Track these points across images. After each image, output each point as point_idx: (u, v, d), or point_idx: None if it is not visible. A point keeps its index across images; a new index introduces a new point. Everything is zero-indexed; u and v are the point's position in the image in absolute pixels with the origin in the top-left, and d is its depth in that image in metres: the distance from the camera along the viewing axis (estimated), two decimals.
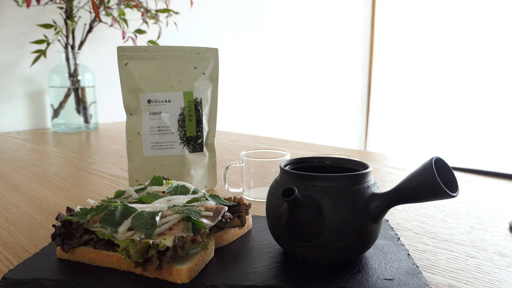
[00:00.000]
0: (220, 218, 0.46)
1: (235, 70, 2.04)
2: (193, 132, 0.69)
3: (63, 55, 1.43)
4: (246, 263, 0.42)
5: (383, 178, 0.81)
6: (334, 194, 0.40)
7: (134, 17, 1.58)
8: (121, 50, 0.67)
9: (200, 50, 0.70)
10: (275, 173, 0.66)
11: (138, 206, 0.44)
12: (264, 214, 0.60)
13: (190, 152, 0.69)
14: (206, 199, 0.49)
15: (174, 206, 0.45)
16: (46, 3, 1.38)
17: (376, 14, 2.55)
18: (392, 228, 0.52)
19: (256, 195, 0.67)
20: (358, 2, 2.51)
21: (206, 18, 1.91)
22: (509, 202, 0.66)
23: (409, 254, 0.44)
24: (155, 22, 1.48)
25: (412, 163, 0.94)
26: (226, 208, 0.48)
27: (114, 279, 0.39)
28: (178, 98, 0.68)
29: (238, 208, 0.51)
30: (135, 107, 0.68)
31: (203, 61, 0.70)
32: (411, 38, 2.44)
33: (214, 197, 0.51)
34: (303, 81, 2.33)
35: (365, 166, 0.44)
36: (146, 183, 0.54)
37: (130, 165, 0.69)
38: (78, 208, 0.45)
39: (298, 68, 2.29)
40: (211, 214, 0.45)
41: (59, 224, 0.44)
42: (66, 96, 1.44)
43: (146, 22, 1.47)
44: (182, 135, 0.69)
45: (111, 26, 1.39)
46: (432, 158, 0.37)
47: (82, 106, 1.46)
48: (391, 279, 0.39)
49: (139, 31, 1.47)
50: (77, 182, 0.80)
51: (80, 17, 1.49)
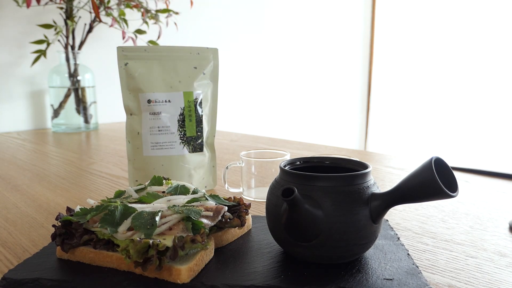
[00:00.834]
0: (220, 218, 0.46)
1: (235, 70, 2.04)
2: (193, 132, 0.69)
3: (63, 55, 1.43)
4: (246, 263, 0.42)
5: (383, 178, 0.81)
6: (333, 194, 0.40)
7: (134, 17, 1.58)
8: (121, 50, 0.67)
9: (200, 50, 0.70)
10: (275, 173, 0.66)
11: (138, 206, 0.44)
12: (264, 214, 0.60)
13: (190, 152, 0.69)
14: (206, 199, 0.49)
15: (174, 206, 0.45)
16: (46, 3, 1.38)
17: (376, 14, 2.55)
18: (392, 228, 0.52)
19: (256, 195, 0.67)
20: (358, 2, 2.51)
21: (206, 18, 1.91)
22: (509, 202, 0.66)
23: (408, 254, 0.44)
24: (155, 22, 1.48)
25: (412, 163, 0.94)
26: (226, 208, 0.48)
27: (114, 279, 0.39)
28: (178, 98, 0.68)
29: (238, 208, 0.51)
30: (135, 107, 0.68)
31: (203, 61, 0.70)
32: (411, 38, 2.44)
33: (214, 197, 0.51)
34: (303, 81, 2.33)
35: (365, 166, 0.44)
36: (146, 183, 0.54)
37: (130, 165, 0.69)
38: (78, 208, 0.45)
39: (298, 68, 2.29)
40: (211, 214, 0.45)
41: (59, 224, 0.44)
42: (66, 96, 1.44)
43: (146, 22, 1.47)
44: (182, 135, 0.69)
45: (111, 26, 1.39)
46: (432, 158, 0.37)
47: (82, 106, 1.46)
48: (391, 279, 0.39)
49: (139, 31, 1.47)
50: (77, 182, 0.80)
51: (80, 17, 1.49)
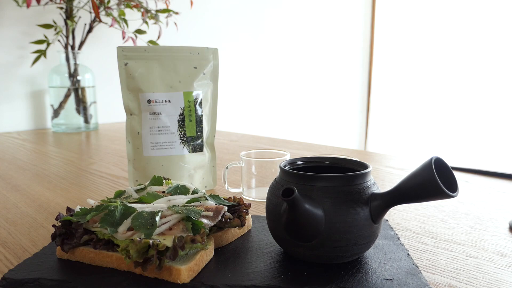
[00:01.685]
0: (220, 218, 0.46)
1: (235, 70, 2.04)
2: (193, 132, 0.69)
3: (63, 55, 1.43)
4: (246, 263, 0.42)
5: (383, 178, 0.81)
6: (333, 194, 0.40)
7: (134, 17, 1.58)
8: (121, 50, 0.67)
9: (200, 50, 0.70)
10: (275, 173, 0.66)
11: (138, 206, 0.44)
12: (264, 214, 0.60)
13: (190, 152, 0.69)
14: (206, 199, 0.49)
15: (174, 206, 0.45)
16: (46, 3, 1.38)
17: (376, 14, 2.55)
18: (392, 228, 0.52)
19: (256, 195, 0.67)
20: (358, 2, 2.51)
21: (206, 18, 1.91)
22: (509, 202, 0.66)
23: (408, 254, 0.44)
24: (155, 22, 1.48)
25: (412, 163, 0.94)
26: (226, 208, 0.48)
27: (114, 279, 0.39)
28: (178, 98, 0.68)
29: (238, 208, 0.51)
30: (135, 107, 0.68)
31: (203, 61, 0.70)
32: (411, 38, 2.44)
33: (214, 197, 0.51)
34: (303, 81, 2.33)
35: (365, 166, 0.44)
36: (146, 183, 0.54)
37: (130, 165, 0.69)
38: (78, 208, 0.45)
39: (298, 68, 2.29)
40: (211, 214, 0.45)
41: (59, 224, 0.44)
42: (66, 96, 1.44)
43: (146, 22, 1.47)
44: (182, 135, 0.69)
45: (111, 26, 1.39)
46: (431, 158, 0.37)
47: (82, 106, 1.46)
48: (391, 279, 0.39)
49: (139, 31, 1.47)
50: (77, 182, 0.80)
51: (80, 17, 1.49)
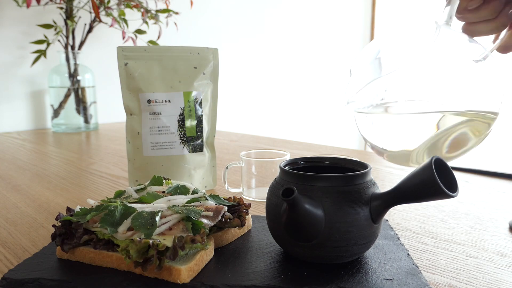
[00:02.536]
0: (220, 218, 0.46)
1: (235, 70, 2.04)
2: (193, 132, 0.69)
3: (63, 55, 1.43)
4: (246, 263, 0.42)
5: (383, 178, 0.81)
6: (333, 194, 0.40)
7: (134, 17, 1.58)
8: (121, 50, 0.67)
9: (200, 50, 0.70)
10: (275, 173, 0.66)
11: (138, 206, 0.44)
12: (264, 214, 0.60)
13: (190, 152, 0.69)
14: (206, 199, 0.49)
15: (174, 206, 0.45)
16: (46, 3, 1.38)
17: (376, 14, 2.55)
18: (392, 228, 0.52)
19: (256, 195, 0.67)
20: (358, 2, 2.51)
21: (206, 18, 1.91)
22: (509, 202, 0.66)
23: (408, 254, 0.44)
24: (155, 22, 1.48)
25: None
26: (226, 208, 0.48)
27: (114, 279, 0.39)
28: (178, 98, 0.68)
29: (238, 208, 0.51)
30: (135, 107, 0.68)
31: (203, 61, 0.70)
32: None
33: (214, 197, 0.51)
34: (303, 81, 2.33)
35: (364, 166, 0.44)
36: (146, 183, 0.54)
37: (130, 165, 0.69)
38: (78, 208, 0.45)
39: (298, 68, 2.29)
40: (211, 214, 0.45)
41: (59, 224, 0.44)
42: (66, 96, 1.44)
43: (146, 22, 1.47)
44: (182, 135, 0.69)
45: (111, 26, 1.39)
46: (432, 158, 0.37)
47: (82, 106, 1.46)
48: (391, 279, 0.39)
49: (139, 31, 1.47)
50: (77, 182, 0.80)
51: (80, 17, 1.49)
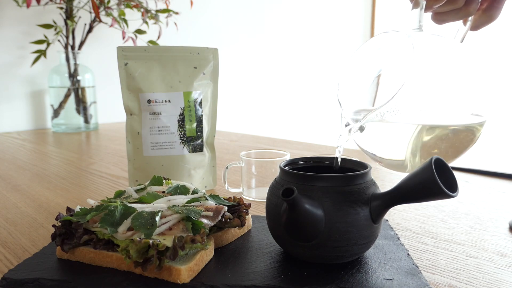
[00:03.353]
0: (220, 218, 0.46)
1: (235, 70, 2.04)
2: (193, 132, 0.69)
3: (63, 55, 1.43)
4: (246, 263, 0.42)
5: (383, 178, 0.81)
6: (333, 194, 0.40)
7: (134, 17, 1.58)
8: (121, 50, 0.67)
9: (200, 50, 0.70)
10: (275, 173, 0.66)
11: (138, 206, 0.44)
12: (264, 214, 0.60)
13: (190, 152, 0.69)
14: (206, 199, 0.49)
15: (174, 206, 0.45)
16: (46, 3, 1.38)
17: (376, 14, 2.55)
18: (392, 228, 0.52)
19: (256, 195, 0.67)
20: (358, 2, 2.51)
21: (206, 18, 1.91)
22: (509, 202, 0.66)
23: (408, 254, 0.44)
24: (155, 22, 1.48)
25: None
26: (226, 208, 0.48)
27: (114, 279, 0.39)
28: (178, 98, 0.68)
29: (238, 208, 0.51)
30: (135, 107, 0.68)
31: (203, 61, 0.70)
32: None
33: (214, 197, 0.51)
34: (303, 81, 2.33)
35: (364, 166, 0.44)
36: (146, 183, 0.54)
37: (130, 165, 0.69)
38: (78, 208, 0.45)
39: (298, 68, 2.29)
40: (211, 214, 0.45)
41: (59, 224, 0.44)
42: (66, 96, 1.44)
43: (146, 22, 1.47)
44: (182, 135, 0.69)
45: (111, 26, 1.39)
46: (431, 158, 0.37)
47: (82, 106, 1.46)
48: (391, 279, 0.39)
49: (139, 31, 1.47)
50: (77, 182, 0.80)
51: (80, 17, 1.49)
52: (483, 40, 2.16)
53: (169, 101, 0.68)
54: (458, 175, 0.81)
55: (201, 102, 0.70)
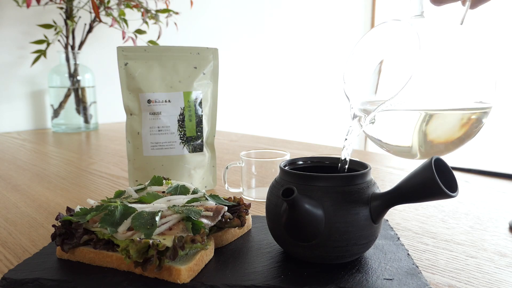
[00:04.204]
0: (220, 218, 0.46)
1: (235, 70, 2.04)
2: (193, 132, 0.69)
3: (63, 55, 1.43)
4: (246, 263, 0.42)
5: (383, 178, 0.81)
6: (333, 194, 0.40)
7: (134, 17, 1.58)
8: (121, 50, 0.67)
9: (200, 50, 0.70)
10: (275, 173, 0.66)
11: (138, 206, 0.44)
12: (264, 214, 0.60)
13: (190, 152, 0.69)
14: (206, 199, 0.49)
15: (174, 206, 0.45)
16: (46, 3, 1.38)
17: (376, 14, 2.55)
18: (392, 228, 0.52)
19: (256, 195, 0.67)
20: (358, 3, 2.51)
21: (206, 18, 1.91)
22: (509, 202, 0.66)
23: (408, 254, 0.44)
24: (155, 22, 1.48)
25: (412, 163, 0.94)
26: (226, 208, 0.48)
27: (114, 279, 0.39)
28: (178, 98, 0.68)
29: (238, 208, 0.51)
30: (135, 107, 0.68)
31: (203, 61, 0.70)
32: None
33: (214, 197, 0.51)
34: (303, 80, 2.33)
35: (364, 166, 0.44)
36: (146, 183, 0.54)
37: (130, 165, 0.69)
38: (78, 208, 0.45)
39: (298, 68, 2.29)
40: (211, 214, 0.45)
41: (59, 224, 0.44)
42: (66, 96, 1.44)
43: (146, 22, 1.47)
44: (182, 135, 0.69)
45: (111, 26, 1.39)
46: (432, 158, 0.37)
47: (82, 106, 1.46)
48: (391, 279, 0.39)
49: (139, 31, 1.47)
50: (77, 182, 0.80)
51: (80, 17, 1.49)
52: (483, 39, 2.16)
53: (169, 101, 0.68)
54: (458, 175, 0.81)
55: (201, 102, 0.70)
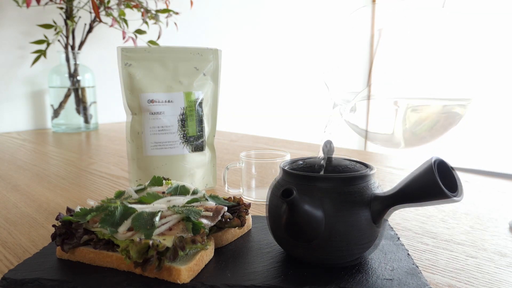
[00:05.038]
0: (219, 218, 0.46)
1: (235, 70, 2.04)
2: (193, 132, 0.69)
3: (63, 55, 1.43)
4: (246, 263, 0.42)
5: (383, 178, 0.81)
6: (334, 194, 0.40)
7: (134, 17, 1.58)
8: (122, 51, 0.67)
9: (201, 51, 0.70)
10: (275, 173, 0.66)
11: (138, 207, 0.44)
12: (264, 214, 0.60)
13: (191, 151, 0.69)
14: (206, 199, 0.49)
15: (174, 206, 0.45)
16: (46, 3, 1.38)
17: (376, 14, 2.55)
18: (392, 228, 0.52)
19: (256, 196, 0.67)
20: (358, 3, 2.51)
21: (206, 18, 1.91)
22: (509, 202, 0.66)
23: (409, 254, 0.44)
24: (155, 22, 1.48)
25: (412, 163, 0.94)
26: (226, 208, 0.48)
27: (114, 279, 0.39)
28: (178, 99, 0.68)
29: (237, 208, 0.51)
30: (136, 107, 0.68)
31: (204, 61, 0.70)
32: None
33: (214, 197, 0.51)
34: (303, 81, 2.33)
35: (365, 167, 0.44)
36: (146, 184, 0.54)
37: (131, 165, 0.69)
38: (78, 208, 0.45)
39: (298, 68, 2.29)
40: (211, 214, 0.45)
41: (59, 224, 0.45)
42: (66, 96, 1.44)
43: (146, 22, 1.47)
44: (182, 135, 0.69)
45: (111, 26, 1.39)
46: (432, 160, 0.37)
47: (82, 106, 1.46)
48: (391, 279, 0.39)
49: (139, 31, 1.47)
50: (77, 182, 0.80)
51: (80, 17, 1.49)
52: (483, 39, 2.16)
53: (170, 101, 0.68)
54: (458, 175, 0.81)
55: (201, 102, 0.70)
